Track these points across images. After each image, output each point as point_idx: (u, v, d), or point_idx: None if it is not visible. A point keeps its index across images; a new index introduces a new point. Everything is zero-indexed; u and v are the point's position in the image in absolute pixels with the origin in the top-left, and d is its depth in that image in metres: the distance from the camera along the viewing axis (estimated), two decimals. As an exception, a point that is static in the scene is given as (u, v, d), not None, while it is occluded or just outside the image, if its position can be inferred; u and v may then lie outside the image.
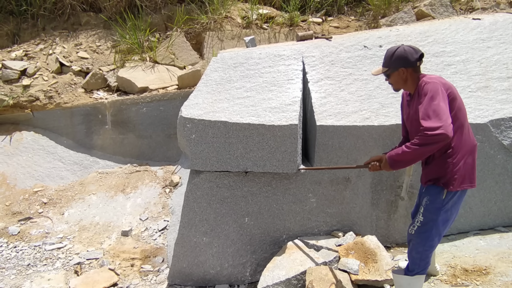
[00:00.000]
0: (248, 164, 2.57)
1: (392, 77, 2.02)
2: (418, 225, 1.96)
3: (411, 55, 1.94)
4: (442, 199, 1.89)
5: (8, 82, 4.88)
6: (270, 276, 2.34)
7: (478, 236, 2.69)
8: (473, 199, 2.78)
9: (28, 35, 5.79)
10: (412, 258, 2.01)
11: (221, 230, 2.74)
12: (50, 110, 4.84)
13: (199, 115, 2.54)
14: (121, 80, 5.02)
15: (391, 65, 1.99)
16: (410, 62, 1.94)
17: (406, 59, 1.94)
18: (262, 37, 6.07)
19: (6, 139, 4.71)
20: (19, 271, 3.28)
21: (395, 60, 1.96)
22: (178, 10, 5.84)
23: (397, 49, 1.98)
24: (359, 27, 6.27)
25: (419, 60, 1.96)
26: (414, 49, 1.96)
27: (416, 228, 1.97)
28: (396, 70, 1.98)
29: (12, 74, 4.90)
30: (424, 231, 1.94)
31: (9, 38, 5.76)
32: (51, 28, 5.82)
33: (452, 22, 3.53)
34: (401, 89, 2.07)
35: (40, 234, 3.85)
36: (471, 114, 2.69)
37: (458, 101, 1.92)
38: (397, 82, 2.03)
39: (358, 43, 3.30)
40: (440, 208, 1.90)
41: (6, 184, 4.40)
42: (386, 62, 2.02)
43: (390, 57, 1.99)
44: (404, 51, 1.95)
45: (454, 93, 1.91)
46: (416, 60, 1.94)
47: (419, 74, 1.99)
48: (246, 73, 2.95)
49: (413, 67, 1.96)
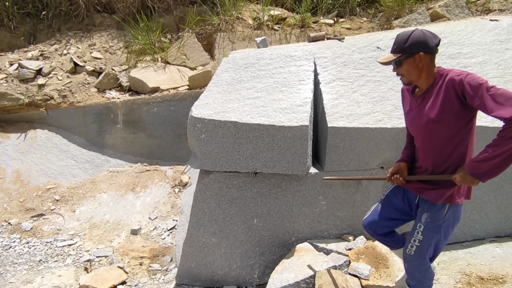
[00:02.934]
0: (257, 165, 2.55)
1: (405, 65, 1.68)
2: (417, 244, 1.75)
3: (430, 39, 1.63)
4: (444, 215, 1.69)
5: (24, 81, 4.99)
6: (279, 279, 2.31)
7: (494, 244, 2.60)
8: (490, 205, 2.69)
9: (44, 36, 5.92)
10: (415, 279, 1.85)
11: (229, 231, 2.73)
12: (64, 109, 4.93)
13: (209, 115, 2.53)
14: (133, 80, 5.08)
15: (405, 50, 1.65)
16: (430, 47, 1.63)
17: (426, 43, 1.62)
18: (273, 38, 6.06)
19: (21, 137, 4.81)
20: (30, 267, 3.33)
21: (412, 45, 1.63)
22: (190, 11, 5.88)
23: (413, 32, 1.66)
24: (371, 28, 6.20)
25: (437, 46, 1.67)
26: (432, 34, 1.66)
27: (415, 248, 1.76)
28: (412, 57, 1.65)
29: (28, 74, 5.01)
30: (424, 249, 1.75)
31: (25, 38, 5.89)
32: (66, 29, 5.93)
33: (468, 23, 3.45)
34: (414, 82, 1.74)
35: (52, 231, 3.91)
36: (488, 117, 2.61)
37: None
38: (410, 73, 1.69)
39: (371, 44, 3.25)
40: (441, 225, 1.70)
41: (20, 181, 4.49)
42: (399, 48, 1.68)
43: (405, 41, 1.66)
44: (424, 33, 1.64)
45: None
46: (435, 45, 1.65)
47: (436, 66, 1.70)
48: (257, 74, 2.94)
49: (432, 53, 1.65)
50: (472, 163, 1.56)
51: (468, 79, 1.57)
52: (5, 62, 5.15)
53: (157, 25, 5.60)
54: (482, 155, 1.54)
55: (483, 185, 2.67)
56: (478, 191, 2.67)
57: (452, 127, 1.65)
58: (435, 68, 1.70)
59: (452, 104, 1.62)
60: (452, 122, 1.64)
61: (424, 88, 1.73)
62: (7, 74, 4.99)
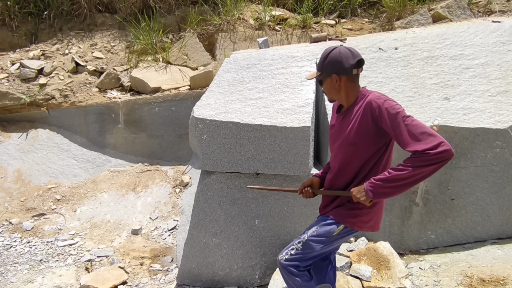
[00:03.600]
0: (259, 165, 2.55)
1: (325, 84, 1.68)
2: (292, 253, 1.72)
3: (346, 60, 1.58)
4: (333, 234, 1.67)
5: (26, 81, 5.00)
6: (280, 280, 2.31)
7: (496, 245, 2.60)
8: (492, 207, 2.69)
9: (46, 35, 5.92)
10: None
11: (231, 232, 2.72)
12: (65, 108, 4.93)
13: (210, 116, 2.53)
14: (134, 80, 5.08)
15: (323, 69, 1.65)
16: (344, 69, 1.59)
17: (340, 64, 1.59)
18: (274, 39, 6.06)
19: (22, 136, 4.82)
20: (31, 266, 3.33)
21: (328, 64, 1.62)
22: (192, 11, 5.88)
23: (332, 50, 1.63)
24: (373, 29, 6.19)
25: (356, 68, 1.60)
26: (352, 53, 1.60)
27: (288, 256, 1.73)
28: (329, 77, 1.64)
29: (30, 73, 5.02)
30: (298, 260, 1.70)
31: (27, 38, 5.90)
32: (67, 29, 5.94)
33: (470, 25, 3.44)
34: (336, 100, 1.73)
35: (53, 230, 3.91)
36: (490, 119, 2.61)
37: None
38: (329, 91, 1.69)
39: (373, 45, 3.25)
40: (325, 241, 1.68)
41: (22, 180, 4.49)
42: (319, 65, 1.68)
43: (323, 60, 1.65)
44: (339, 53, 1.60)
45: None
46: (352, 66, 1.59)
47: (359, 86, 1.67)
48: (258, 74, 2.94)
49: (347, 74, 1.60)
50: (372, 180, 1.53)
51: (386, 106, 1.52)
52: (7, 61, 5.16)
53: (159, 25, 5.60)
54: (384, 176, 1.50)
55: (485, 187, 2.67)
56: (480, 193, 2.67)
57: (366, 151, 1.60)
58: (358, 88, 1.67)
59: (367, 128, 1.57)
60: (367, 146, 1.59)
61: (346, 107, 1.70)
62: (8, 73, 5.00)
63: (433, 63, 3.07)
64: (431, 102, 2.75)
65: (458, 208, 2.69)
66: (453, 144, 2.61)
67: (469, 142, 2.59)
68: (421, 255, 2.67)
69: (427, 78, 2.96)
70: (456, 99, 2.76)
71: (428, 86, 2.89)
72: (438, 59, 3.10)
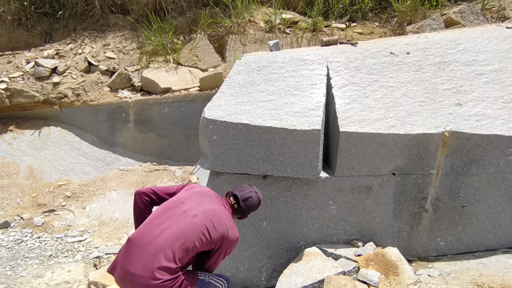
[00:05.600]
0: (268, 167, 2.55)
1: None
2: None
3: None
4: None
5: (40, 79, 5.10)
6: (287, 282, 2.31)
7: (507, 254, 2.56)
8: (504, 215, 2.65)
9: (60, 35, 6.04)
10: None
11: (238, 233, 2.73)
12: (77, 107, 5.02)
13: (221, 117, 2.55)
14: (145, 80, 5.14)
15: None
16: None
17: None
18: (284, 42, 6.07)
19: (35, 133, 4.91)
20: (41, 261, 3.38)
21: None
22: (203, 13, 5.94)
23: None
24: (383, 33, 6.16)
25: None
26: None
27: None
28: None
29: (44, 72, 5.12)
30: None
31: (42, 37, 6.03)
32: (81, 29, 6.05)
33: (484, 30, 3.40)
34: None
35: (63, 227, 3.97)
36: (504, 126, 2.58)
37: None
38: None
39: (385, 50, 3.24)
40: None
41: (33, 177, 4.58)
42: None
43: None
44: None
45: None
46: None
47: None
48: (269, 77, 2.95)
49: None
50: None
51: None
52: (22, 60, 5.27)
53: (170, 27, 5.67)
54: None
55: (497, 195, 2.63)
56: (492, 201, 2.63)
57: None
58: None
59: None
60: None
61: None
62: (23, 71, 5.11)
63: (446, 68, 3.04)
64: (443, 107, 2.73)
65: (469, 216, 2.66)
66: (465, 150, 2.58)
67: (482, 149, 2.55)
68: (430, 262, 2.64)
69: (439, 83, 2.93)
70: (468, 105, 2.73)
71: (440, 91, 2.87)
72: (450, 65, 3.07)
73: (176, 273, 1.68)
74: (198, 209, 1.81)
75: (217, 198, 1.96)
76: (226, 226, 1.82)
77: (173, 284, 1.67)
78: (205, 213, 1.80)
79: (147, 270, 1.63)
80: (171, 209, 1.80)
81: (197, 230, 1.73)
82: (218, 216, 1.82)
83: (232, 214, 1.98)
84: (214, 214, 1.82)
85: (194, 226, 1.74)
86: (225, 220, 1.84)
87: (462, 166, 2.59)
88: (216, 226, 1.79)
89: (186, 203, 1.82)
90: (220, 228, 1.80)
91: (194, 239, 1.72)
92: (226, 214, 1.89)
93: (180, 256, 1.68)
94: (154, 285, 1.62)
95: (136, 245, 1.69)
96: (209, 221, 1.78)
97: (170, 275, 1.65)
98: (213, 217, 1.80)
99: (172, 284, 1.66)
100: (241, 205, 1.98)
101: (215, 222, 1.79)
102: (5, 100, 4.79)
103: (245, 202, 1.98)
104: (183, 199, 1.85)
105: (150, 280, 1.62)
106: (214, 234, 1.77)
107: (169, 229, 1.71)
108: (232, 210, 2.00)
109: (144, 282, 1.62)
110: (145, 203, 1.96)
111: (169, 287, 1.65)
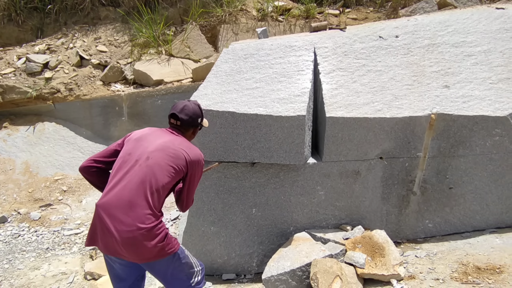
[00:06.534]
0: (255, 155, 2.57)
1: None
2: None
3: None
4: None
5: (32, 75, 5.10)
6: (275, 267, 2.34)
7: (494, 234, 2.58)
8: (491, 196, 2.66)
9: (51, 30, 6.01)
10: None
11: (228, 220, 2.76)
12: (70, 102, 5.02)
13: (207, 106, 2.55)
14: (137, 73, 5.13)
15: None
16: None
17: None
18: (277, 30, 6.02)
19: (29, 129, 4.93)
20: (38, 254, 3.44)
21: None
22: (194, 3, 5.88)
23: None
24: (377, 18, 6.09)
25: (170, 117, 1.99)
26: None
27: None
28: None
29: (36, 67, 5.11)
30: None
31: (33, 32, 5.99)
32: (72, 23, 6.01)
33: (474, 11, 3.36)
34: None
35: (59, 220, 4.02)
36: (490, 106, 2.57)
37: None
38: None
39: (373, 34, 3.21)
40: None
41: (29, 172, 4.62)
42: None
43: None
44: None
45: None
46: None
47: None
48: (256, 64, 2.94)
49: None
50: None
51: None
52: (13, 56, 5.26)
53: (161, 18, 5.62)
54: None
55: (484, 176, 2.64)
56: (479, 182, 2.64)
57: None
58: None
59: None
60: None
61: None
62: (15, 67, 5.10)
63: (434, 50, 3.02)
64: (430, 90, 2.71)
65: (456, 197, 2.67)
66: (451, 132, 2.58)
67: (468, 130, 2.55)
68: (418, 243, 2.67)
69: (428, 66, 2.91)
70: (456, 87, 2.72)
71: (428, 74, 2.85)
72: (439, 47, 3.04)
73: (159, 218, 1.72)
74: (148, 150, 1.79)
75: (161, 131, 1.93)
76: (184, 150, 1.82)
77: (160, 227, 1.70)
78: (156, 150, 1.78)
79: (130, 224, 1.64)
80: (124, 165, 1.78)
81: (156, 170, 1.73)
82: (170, 146, 1.81)
83: (183, 135, 1.96)
84: (165, 146, 1.80)
85: (151, 168, 1.73)
86: (179, 145, 1.83)
87: (449, 148, 2.60)
88: (174, 155, 1.78)
89: (134, 153, 1.80)
90: (179, 155, 1.79)
91: (158, 179, 1.72)
92: (178, 139, 1.87)
93: (153, 201, 1.70)
94: (142, 234, 1.64)
95: (108, 208, 1.68)
96: (164, 155, 1.77)
97: (154, 219, 1.68)
98: (166, 149, 1.79)
99: (159, 227, 1.69)
100: (181, 117, 1.93)
101: (170, 152, 1.78)
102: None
103: (182, 112, 1.93)
104: (129, 150, 1.83)
105: (136, 231, 1.63)
106: (175, 163, 1.77)
107: (131, 182, 1.70)
108: (180, 131, 1.97)
109: (131, 236, 1.63)
110: (94, 174, 1.91)
111: (157, 231, 1.68)
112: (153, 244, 1.67)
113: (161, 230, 1.71)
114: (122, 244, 1.66)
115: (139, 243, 1.65)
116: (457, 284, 2.04)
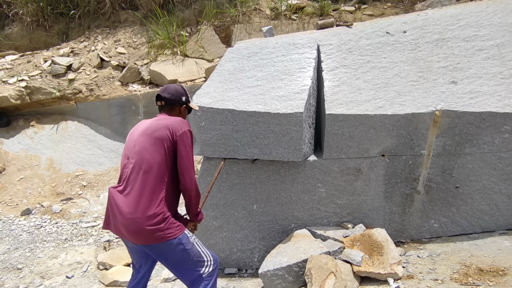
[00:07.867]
0: (255, 151, 2.61)
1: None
2: None
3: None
4: None
5: (56, 76, 5.42)
6: (272, 262, 2.37)
7: (504, 236, 2.46)
8: (501, 196, 2.54)
9: (75, 34, 6.36)
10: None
11: (230, 216, 2.82)
12: (91, 101, 5.30)
13: (208, 103, 2.62)
14: (153, 73, 5.32)
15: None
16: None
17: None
18: (290, 28, 6.01)
19: (53, 128, 5.25)
20: (57, 244, 3.67)
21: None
22: (208, 4, 6.00)
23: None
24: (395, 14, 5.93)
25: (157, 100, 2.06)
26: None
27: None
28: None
29: (60, 69, 5.43)
30: None
31: (59, 36, 6.37)
32: (95, 27, 6.32)
33: (490, 4, 3.21)
34: None
35: (78, 213, 4.26)
36: (500, 102, 2.46)
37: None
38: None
39: (380, 30, 3.15)
40: None
41: (53, 168, 4.92)
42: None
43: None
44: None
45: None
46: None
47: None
48: (259, 63, 2.97)
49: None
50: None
51: None
52: (40, 59, 5.62)
53: (177, 19, 5.79)
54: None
55: (493, 175, 2.53)
56: (487, 181, 2.53)
57: None
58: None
59: None
60: None
61: None
62: (41, 70, 5.44)
63: (443, 45, 2.92)
64: (436, 86, 2.63)
65: (463, 197, 2.57)
66: (457, 129, 2.49)
67: (475, 127, 2.45)
68: (423, 244, 2.60)
69: (435, 61, 2.82)
70: (464, 82, 2.62)
71: (435, 69, 2.76)
72: (449, 41, 2.94)
73: (158, 201, 1.78)
74: (134, 139, 1.90)
75: (151, 119, 1.99)
76: (163, 121, 1.88)
77: (159, 210, 1.76)
78: (141, 135, 1.86)
79: (130, 206, 1.74)
80: (124, 159, 1.92)
81: (144, 153, 1.81)
82: (154, 124, 1.87)
83: (170, 115, 2.02)
84: (146, 128, 1.87)
85: (139, 154, 1.82)
86: (163, 120, 1.88)
87: (455, 145, 2.51)
88: (154, 130, 1.84)
89: (128, 148, 1.92)
90: (158, 127, 1.84)
91: (149, 159, 1.79)
92: (164, 119, 1.91)
93: (152, 183, 1.77)
94: (140, 217, 1.73)
95: (115, 192, 1.82)
96: (146, 135, 1.84)
97: (154, 202, 1.75)
98: (146, 130, 1.86)
99: (158, 211, 1.75)
100: (163, 96, 2.01)
101: (150, 130, 1.84)
102: (25, 97, 5.14)
103: (165, 91, 2.02)
104: (126, 150, 1.95)
105: (134, 213, 1.73)
106: (157, 135, 1.82)
107: (133, 171, 1.83)
108: (166, 112, 2.03)
109: (129, 218, 1.73)
110: None
111: (155, 214, 1.74)
112: (150, 227, 1.72)
113: (159, 213, 1.75)
114: (124, 226, 1.76)
115: (137, 225, 1.73)
116: (456, 285, 1.98)
